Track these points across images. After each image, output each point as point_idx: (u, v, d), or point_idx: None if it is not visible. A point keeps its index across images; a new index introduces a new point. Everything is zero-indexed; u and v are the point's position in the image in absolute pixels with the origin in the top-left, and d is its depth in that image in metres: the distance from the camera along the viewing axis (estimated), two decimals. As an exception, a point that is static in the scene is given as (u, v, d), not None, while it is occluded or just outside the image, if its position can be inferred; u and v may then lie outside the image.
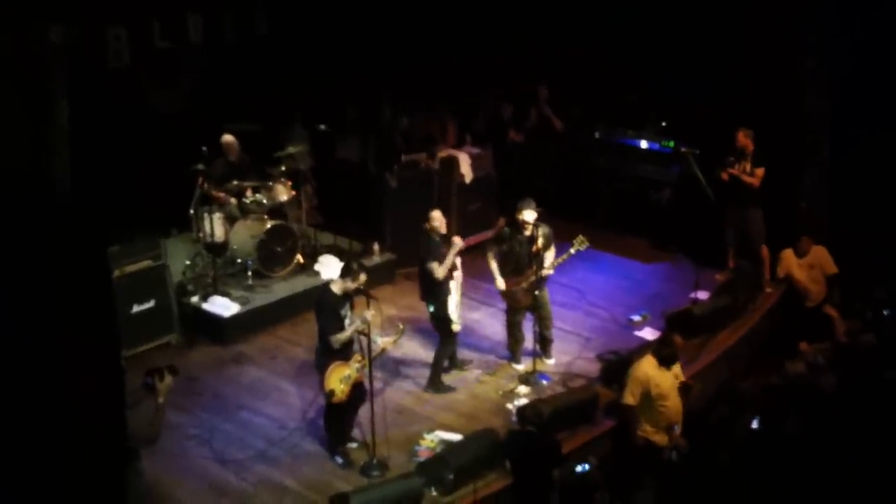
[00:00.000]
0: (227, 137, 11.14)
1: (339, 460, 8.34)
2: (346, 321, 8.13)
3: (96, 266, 5.61)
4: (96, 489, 5.59)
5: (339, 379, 8.08)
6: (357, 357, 8.16)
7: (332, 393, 8.10)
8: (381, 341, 8.33)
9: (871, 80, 11.05)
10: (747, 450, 7.69)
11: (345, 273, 8.19)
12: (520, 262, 9.43)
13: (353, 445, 8.48)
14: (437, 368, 9.43)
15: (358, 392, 8.25)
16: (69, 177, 5.36)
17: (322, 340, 8.15)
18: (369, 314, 8.03)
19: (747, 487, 7.11)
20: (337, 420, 8.38)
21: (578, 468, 6.86)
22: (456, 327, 9.34)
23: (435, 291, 9.18)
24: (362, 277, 8.14)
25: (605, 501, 7.47)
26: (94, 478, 5.57)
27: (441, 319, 9.28)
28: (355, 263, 8.33)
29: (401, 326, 8.62)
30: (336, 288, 8.14)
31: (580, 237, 9.37)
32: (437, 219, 9.25)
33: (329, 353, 8.11)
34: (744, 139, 10.86)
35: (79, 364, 5.44)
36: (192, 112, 11.62)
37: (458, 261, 9.32)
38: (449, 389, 9.40)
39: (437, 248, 9.17)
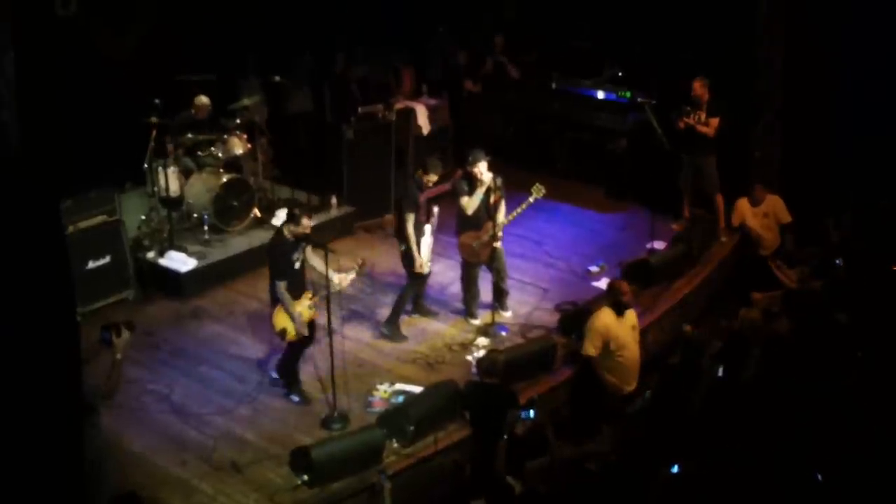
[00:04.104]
0: (203, 98, 10.99)
1: (296, 399, 8.46)
2: (297, 265, 8.24)
3: (49, 221, 5.51)
4: (53, 446, 5.55)
5: (288, 317, 8.16)
6: (308, 295, 8.25)
7: (284, 331, 8.20)
8: (336, 277, 8.29)
9: (825, 26, 11.12)
10: (714, 395, 7.77)
11: (289, 219, 8.30)
12: (479, 214, 9.39)
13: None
14: (398, 307, 9.49)
15: (311, 331, 8.36)
16: (18, 129, 5.23)
17: (272, 283, 8.26)
18: (335, 276, 8.18)
19: (715, 432, 7.20)
20: (293, 361, 8.48)
21: (523, 414, 6.85)
22: (424, 269, 9.36)
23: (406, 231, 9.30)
24: (305, 222, 8.20)
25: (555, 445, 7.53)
26: (50, 434, 5.53)
27: (409, 258, 9.33)
28: (297, 209, 8.46)
29: (360, 261, 8.57)
30: (286, 233, 8.23)
31: (537, 185, 9.35)
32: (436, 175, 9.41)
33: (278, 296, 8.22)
34: (700, 88, 10.88)
35: (33, 321, 5.37)
36: (144, 62, 11.38)
37: (436, 208, 9.45)
38: (402, 338, 9.44)
39: (415, 195, 9.28)
